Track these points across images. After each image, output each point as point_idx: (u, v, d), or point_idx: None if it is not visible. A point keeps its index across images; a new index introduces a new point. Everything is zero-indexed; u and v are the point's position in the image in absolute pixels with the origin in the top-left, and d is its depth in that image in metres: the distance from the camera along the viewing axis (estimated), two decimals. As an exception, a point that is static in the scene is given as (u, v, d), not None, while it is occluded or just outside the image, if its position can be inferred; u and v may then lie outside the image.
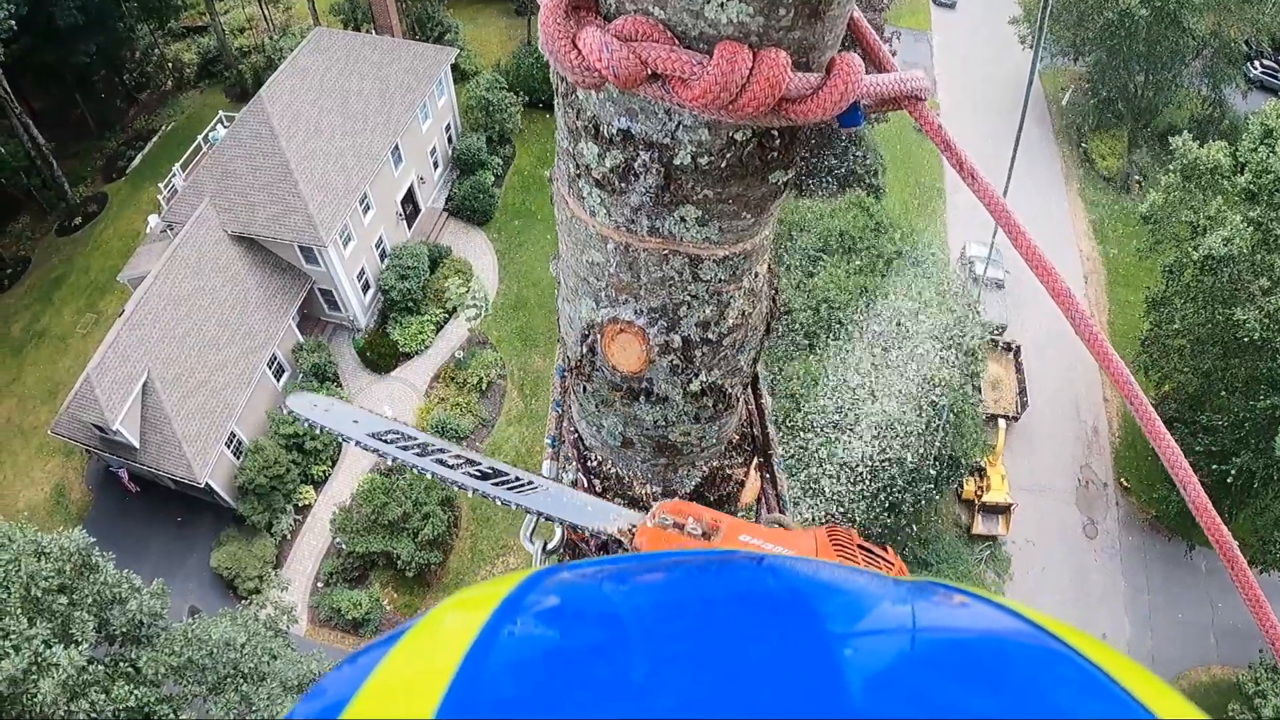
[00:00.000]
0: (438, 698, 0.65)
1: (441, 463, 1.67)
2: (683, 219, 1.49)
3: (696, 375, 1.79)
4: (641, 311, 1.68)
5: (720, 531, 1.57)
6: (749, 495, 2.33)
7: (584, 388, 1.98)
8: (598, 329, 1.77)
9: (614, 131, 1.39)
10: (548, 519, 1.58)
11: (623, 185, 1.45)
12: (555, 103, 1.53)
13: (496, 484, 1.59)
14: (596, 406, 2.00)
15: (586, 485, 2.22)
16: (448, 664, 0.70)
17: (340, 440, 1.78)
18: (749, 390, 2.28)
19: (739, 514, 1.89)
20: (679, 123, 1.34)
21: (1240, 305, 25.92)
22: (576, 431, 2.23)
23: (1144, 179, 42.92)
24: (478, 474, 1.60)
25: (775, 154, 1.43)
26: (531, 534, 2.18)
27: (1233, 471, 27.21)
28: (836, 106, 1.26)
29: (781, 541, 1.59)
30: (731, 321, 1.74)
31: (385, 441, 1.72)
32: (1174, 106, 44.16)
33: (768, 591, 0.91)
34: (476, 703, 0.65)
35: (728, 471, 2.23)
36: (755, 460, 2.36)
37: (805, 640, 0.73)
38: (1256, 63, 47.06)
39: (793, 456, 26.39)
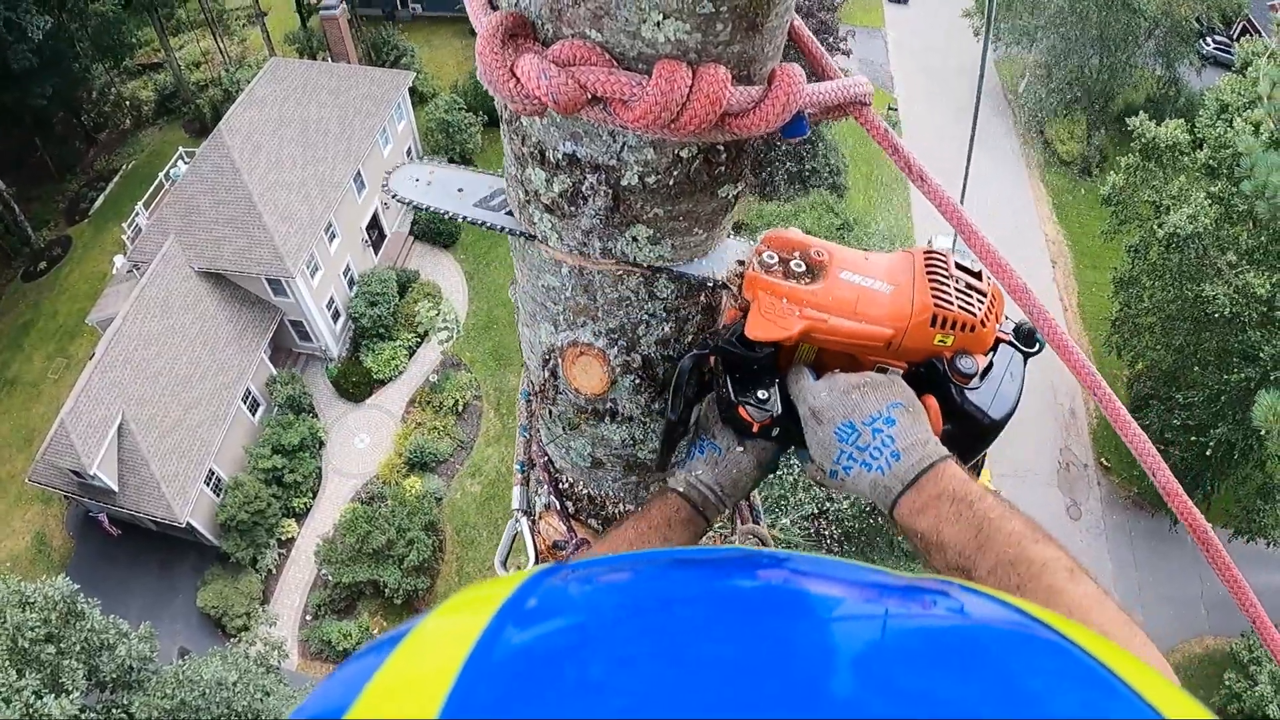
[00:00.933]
0: (441, 699, 0.65)
1: None
2: (634, 239, 1.48)
3: (660, 392, 1.80)
4: (600, 333, 1.68)
5: (824, 269, 1.59)
6: None
7: (550, 411, 1.98)
8: (558, 353, 1.78)
9: (559, 156, 1.38)
10: (674, 274, 1.58)
11: (572, 209, 1.45)
12: (501, 130, 1.53)
13: None
14: (563, 429, 2.00)
15: (559, 508, 2.22)
16: (451, 665, 0.69)
17: (447, 217, 1.78)
18: None
19: (713, 524, 1.90)
20: (624, 144, 1.33)
21: (1208, 281, 26.14)
22: (546, 454, 2.23)
23: (1104, 161, 43.27)
24: None
25: (723, 168, 1.43)
26: (505, 560, 2.18)
27: (1211, 444, 27.41)
28: (779, 118, 1.27)
29: (878, 271, 1.62)
30: (691, 337, 1.75)
31: (493, 209, 1.70)
32: (1130, 88, 44.48)
33: (767, 588, 0.91)
34: (481, 704, 0.65)
35: None
36: None
37: (797, 633, 0.73)
38: (1208, 39, 47.51)
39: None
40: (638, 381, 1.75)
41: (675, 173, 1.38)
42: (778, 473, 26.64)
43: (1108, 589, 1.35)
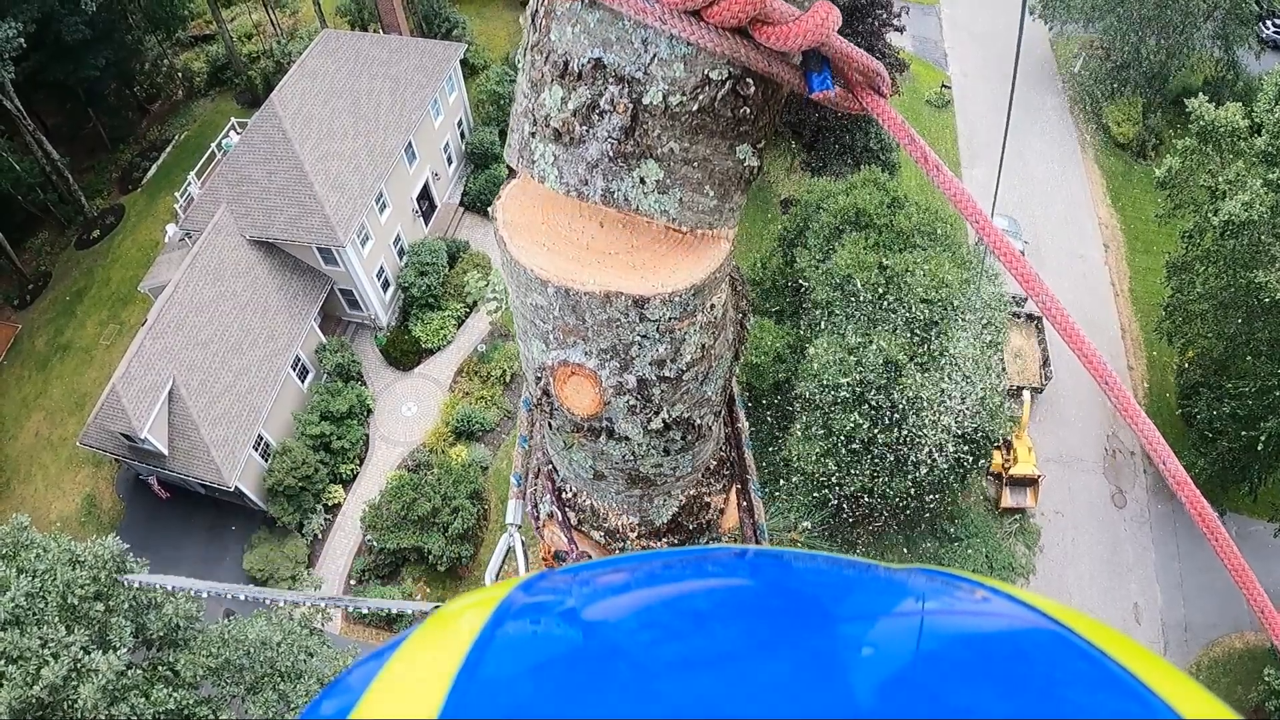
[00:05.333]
0: (440, 699, 0.66)
1: None
2: (642, 180, 1.43)
3: (657, 413, 1.75)
4: (591, 353, 1.63)
5: None
6: (729, 522, 2.27)
7: (549, 424, 1.94)
8: (549, 371, 1.73)
9: (585, 63, 1.36)
10: None
11: (584, 129, 1.40)
12: (521, 63, 1.50)
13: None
14: (563, 442, 1.97)
15: (562, 518, 2.20)
16: (449, 667, 0.71)
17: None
18: (727, 412, 2.24)
19: (720, 540, 1.86)
20: (654, 55, 1.31)
21: (1262, 268, 25.70)
22: (550, 464, 2.20)
23: (1160, 144, 42.61)
24: None
25: (748, 110, 1.40)
26: (498, 575, 2.16)
27: (1263, 438, 26.96)
28: (813, 35, 1.26)
29: None
30: (690, 357, 1.69)
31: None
32: (1187, 70, 43.66)
33: (766, 589, 0.91)
34: (478, 704, 0.66)
35: (705, 499, 2.18)
36: (735, 486, 2.30)
37: (809, 639, 0.73)
38: (1268, 22, 46.54)
39: (822, 433, 26.47)
40: (632, 403, 1.70)
41: (701, 96, 1.35)
42: (818, 460, 26.65)
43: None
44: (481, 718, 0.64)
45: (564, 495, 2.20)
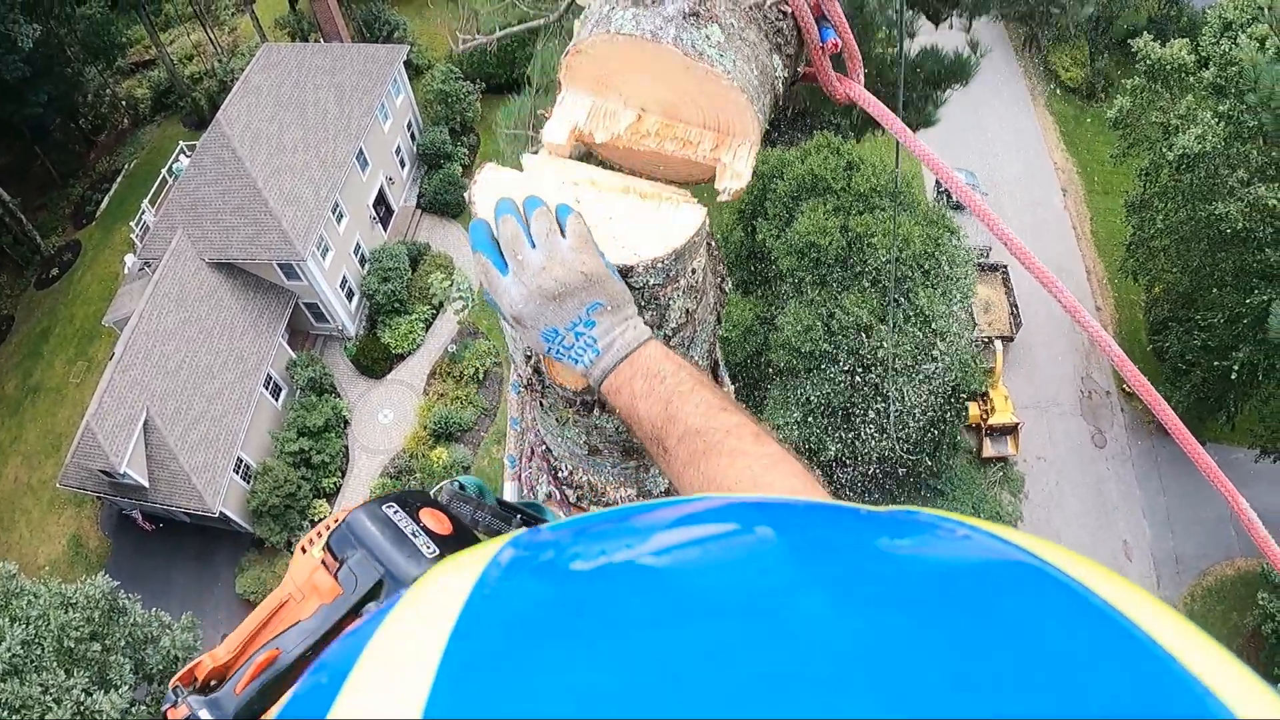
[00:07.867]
0: (430, 677, 0.62)
1: None
2: (708, 37, 1.65)
3: None
4: None
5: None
6: None
7: (541, 404, 1.99)
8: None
9: None
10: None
11: None
12: None
13: None
14: (556, 420, 2.00)
15: (560, 497, 2.22)
16: (437, 637, 0.67)
17: None
18: (711, 377, 2.27)
19: None
20: None
21: (1220, 199, 25.87)
22: (544, 444, 2.22)
23: (1109, 85, 42.78)
24: None
25: (784, 27, 1.75)
26: None
27: (1235, 367, 27.17)
28: None
29: None
30: (675, 322, 1.76)
31: None
32: (1131, 10, 43.83)
33: (755, 532, 0.86)
34: (471, 680, 0.62)
35: None
36: None
37: (793, 578, 0.71)
38: (1207, -46, 46.76)
39: (797, 401, 26.59)
40: None
41: None
42: (803, 425, 26.73)
43: (1120, 506, 1.33)
44: (475, 705, 0.59)
45: (560, 474, 2.22)
